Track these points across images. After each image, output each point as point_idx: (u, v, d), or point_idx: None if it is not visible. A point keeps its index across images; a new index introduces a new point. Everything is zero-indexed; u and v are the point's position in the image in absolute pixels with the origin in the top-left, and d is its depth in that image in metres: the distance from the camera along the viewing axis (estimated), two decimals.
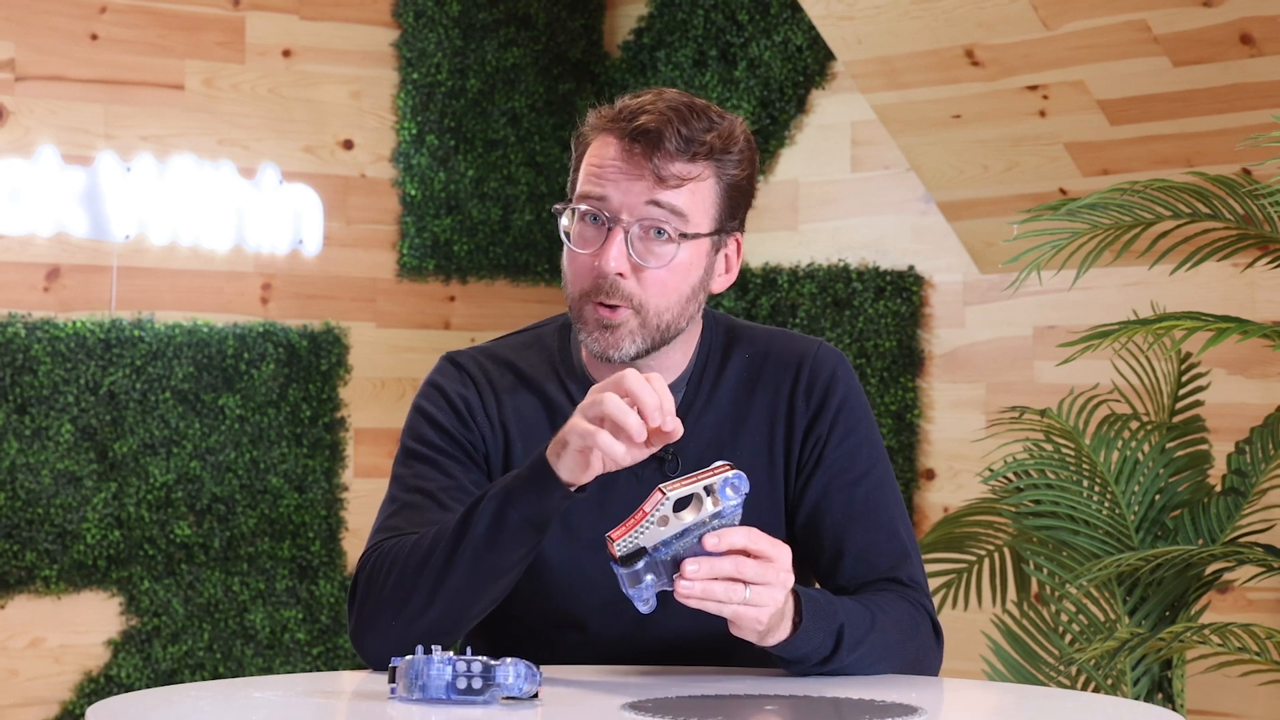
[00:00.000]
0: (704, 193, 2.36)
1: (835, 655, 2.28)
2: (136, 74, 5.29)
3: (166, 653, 5.28)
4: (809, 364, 2.47)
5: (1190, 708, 4.43)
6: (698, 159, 2.34)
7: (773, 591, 2.15)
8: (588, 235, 2.37)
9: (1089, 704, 2.39)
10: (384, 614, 2.31)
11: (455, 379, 2.47)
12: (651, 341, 2.38)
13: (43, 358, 5.11)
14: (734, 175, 2.38)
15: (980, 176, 4.87)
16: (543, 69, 5.80)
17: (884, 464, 2.48)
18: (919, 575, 2.45)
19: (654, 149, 2.33)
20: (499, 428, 2.44)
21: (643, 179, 2.34)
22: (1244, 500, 3.80)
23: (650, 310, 2.37)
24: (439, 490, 2.40)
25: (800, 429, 2.45)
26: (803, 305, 5.36)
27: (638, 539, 2.13)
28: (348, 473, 5.57)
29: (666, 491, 2.13)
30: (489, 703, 2.07)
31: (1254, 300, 4.51)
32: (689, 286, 2.39)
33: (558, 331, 2.51)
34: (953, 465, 5.11)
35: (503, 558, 2.26)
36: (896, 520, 2.45)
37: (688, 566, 2.12)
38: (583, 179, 2.38)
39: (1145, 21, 4.30)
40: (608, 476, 2.37)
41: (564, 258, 2.41)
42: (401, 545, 2.33)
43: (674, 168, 2.33)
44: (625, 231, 2.34)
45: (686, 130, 2.34)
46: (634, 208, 2.34)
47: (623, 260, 2.34)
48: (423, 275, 5.72)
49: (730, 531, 2.13)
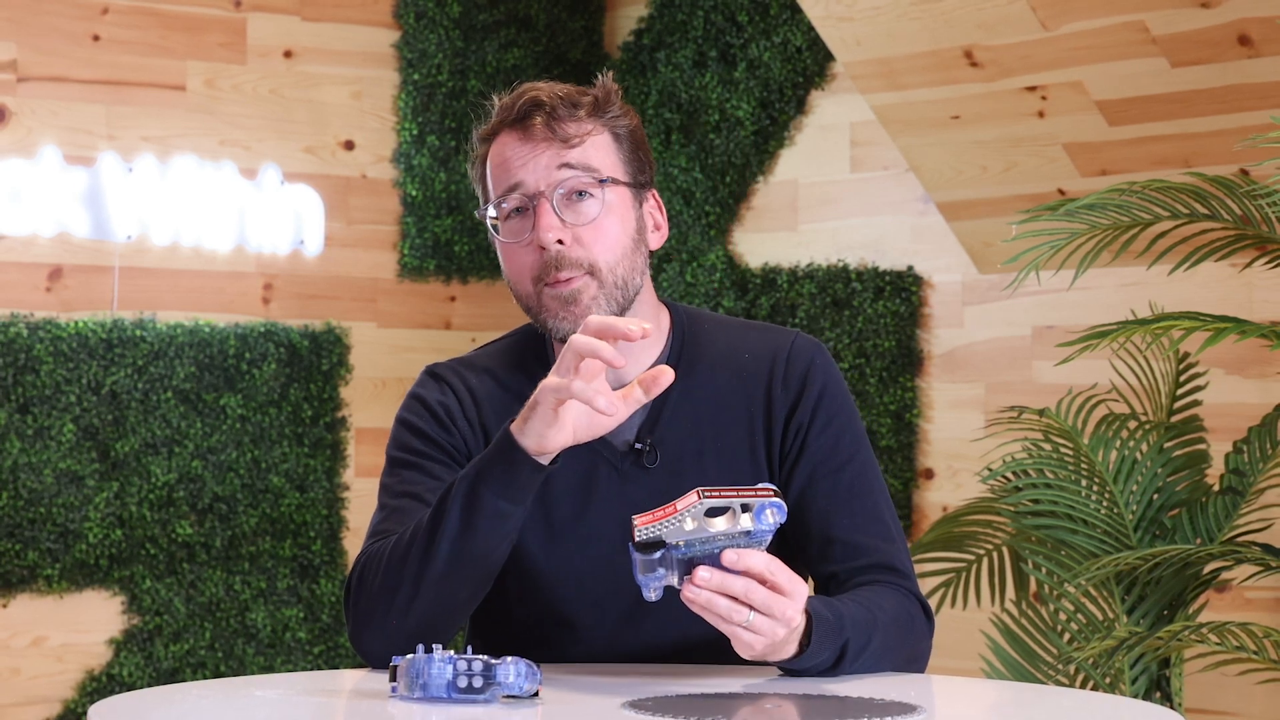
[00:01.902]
0: (603, 145, 2.44)
1: (836, 667, 2.29)
2: (138, 75, 5.30)
3: (168, 652, 5.29)
4: (785, 354, 2.48)
5: (1188, 706, 4.44)
6: (585, 117, 2.43)
7: (774, 626, 2.15)
8: (516, 228, 2.43)
9: (1087, 702, 2.39)
10: (376, 612, 2.33)
11: (434, 389, 2.50)
12: (615, 302, 2.41)
13: (45, 357, 5.12)
14: (623, 125, 2.46)
15: (979, 177, 4.88)
16: (543, 70, 5.81)
17: (866, 450, 2.49)
18: (907, 560, 2.46)
19: (548, 117, 2.42)
20: (479, 430, 2.47)
21: (548, 147, 2.41)
22: (1242, 499, 3.81)
23: (603, 267, 2.40)
24: (425, 492, 2.42)
25: (780, 419, 2.46)
26: (802, 305, 5.37)
27: (660, 530, 2.13)
28: (349, 472, 5.58)
29: (703, 495, 2.13)
30: (489, 701, 2.08)
31: (1252, 300, 4.52)
32: (629, 238, 2.44)
33: (530, 336, 2.54)
34: (952, 465, 5.12)
35: (481, 541, 2.28)
36: (881, 506, 2.47)
37: (700, 573, 2.11)
38: (494, 181, 2.45)
39: (1143, 22, 4.31)
40: (588, 472, 2.40)
41: (503, 262, 2.46)
42: (386, 544, 2.35)
43: (569, 127, 2.42)
44: (550, 201, 2.40)
45: (565, 94, 2.44)
46: (548, 176, 2.41)
47: (557, 228, 2.39)
48: (423, 275, 5.73)
49: (751, 554, 2.12)
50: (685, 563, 2.14)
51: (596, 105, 2.44)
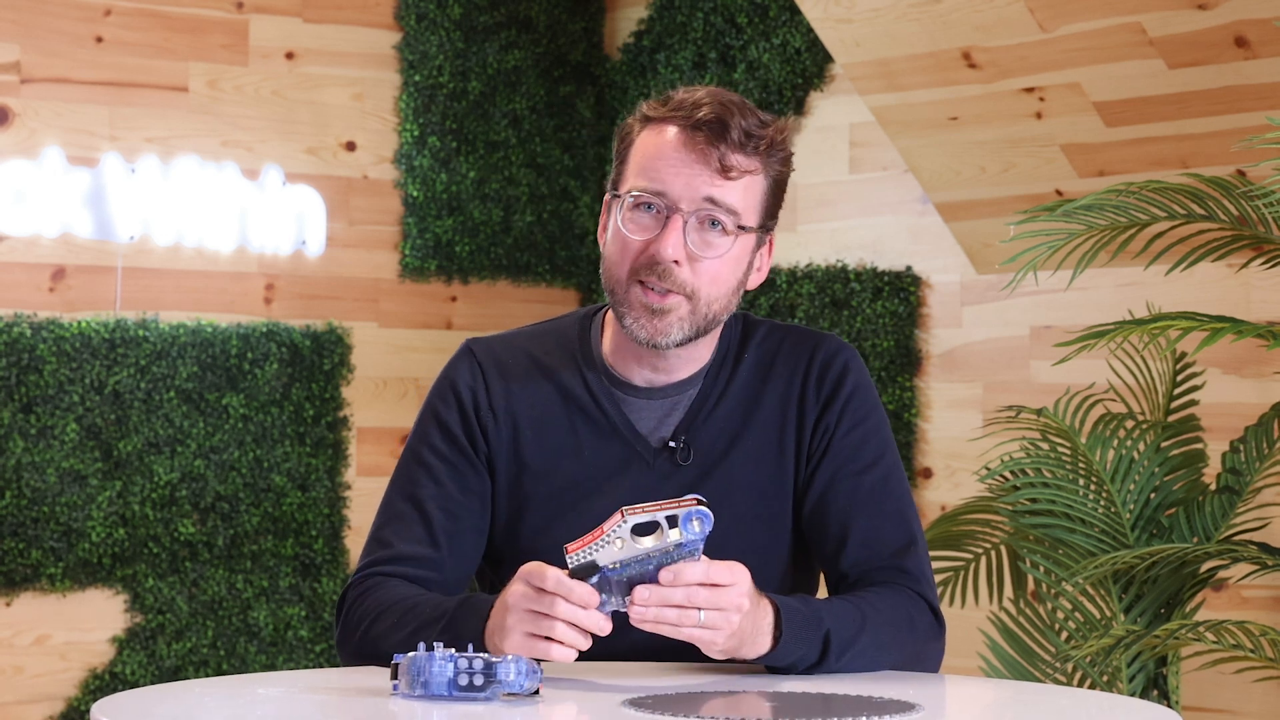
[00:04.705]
0: (756, 187, 2.41)
1: (824, 661, 2.30)
2: (141, 76, 5.32)
3: (171, 650, 5.30)
4: (821, 356, 2.51)
5: (1185, 704, 4.45)
6: (755, 153, 2.39)
7: (727, 615, 2.18)
8: (641, 222, 2.41)
9: (1085, 700, 2.40)
10: (361, 657, 2.40)
11: (466, 372, 2.51)
12: (696, 330, 2.42)
13: (48, 357, 5.13)
14: (780, 172, 2.44)
15: (977, 178, 4.88)
16: (544, 71, 5.82)
17: (892, 456, 2.51)
18: (924, 565, 2.47)
19: (718, 139, 2.38)
20: (506, 419, 2.48)
21: (705, 169, 2.38)
22: (1238, 498, 3.82)
23: (702, 299, 2.40)
24: (428, 499, 2.46)
25: (810, 419, 2.48)
26: (801, 305, 5.38)
27: (592, 554, 2.15)
28: (350, 471, 5.59)
29: (626, 514, 2.15)
30: (490, 699, 2.09)
31: (1248, 300, 4.53)
32: (736, 279, 2.44)
33: (578, 322, 2.55)
34: (950, 464, 5.13)
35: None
36: (904, 509, 2.48)
37: (639, 593, 2.15)
38: (638, 168, 2.41)
39: (1140, 24, 4.31)
40: (621, 468, 2.42)
41: (609, 239, 2.44)
42: (378, 601, 2.39)
43: (735, 159, 2.38)
44: (684, 221, 2.38)
45: (746, 124, 2.39)
46: (693, 198, 2.38)
47: (680, 249, 2.38)
48: (425, 276, 5.74)
49: (686, 567, 2.15)
50: (625, 584, 2.15)
51: (769, 146, 2.41)
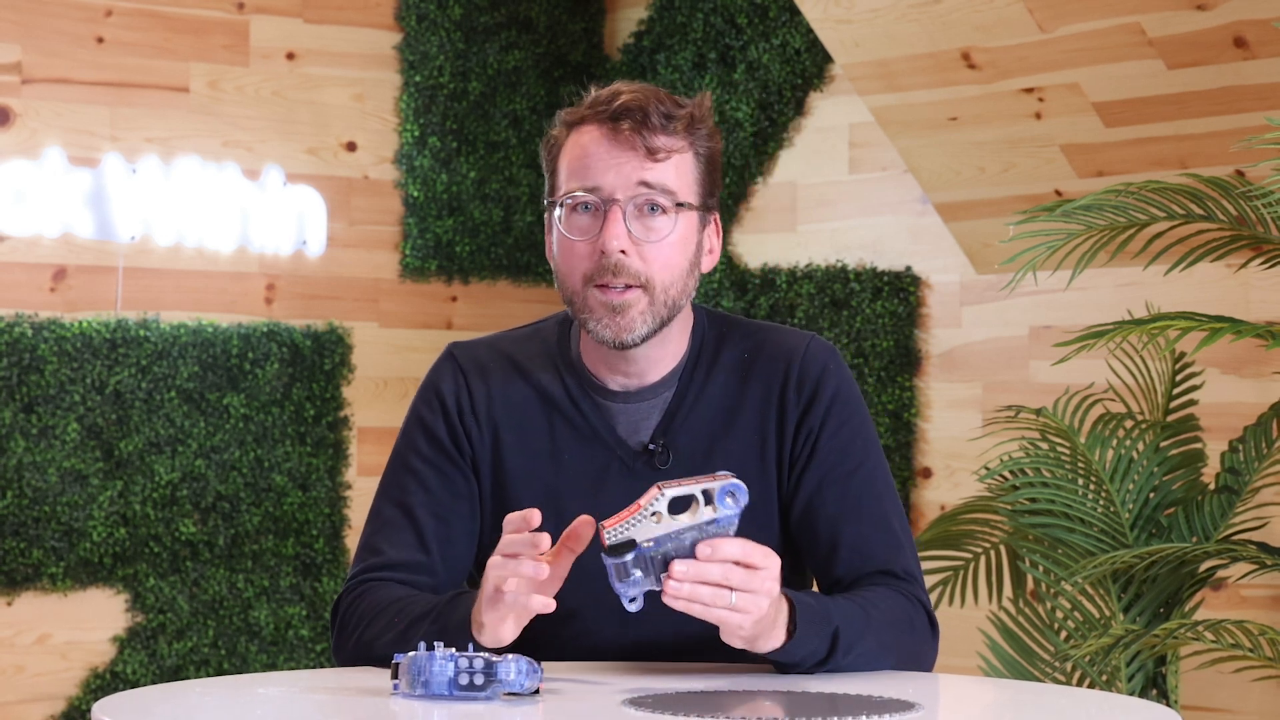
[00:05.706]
0: (686, 165, 2.43)
1: (830, 658, 2.30)
2: (142, 76, 5.32)
3: (172, 649, 5.31)
4: (800, 358, 2.49)
5: (1184, 703, 4.46)
6: (678, 132, 2.41)
7: (758, 599, 2.17)
8: (581, 224, 2.42)
9: (1084, 700, 2.40)
10: (358, 662, 2.41)
11: (449, 376, 2.53)
12: (660, 320, 2.43)
13: (49, 357, 5.14)
14: (709, 148, 2.45)
15: (977, 178, 4.89)
16: (544, 72, 5.83)
17: (877, 456, 2.50)
18: (914, 567, 2.47)
19: (641, 125, 2.40)
20: (488, 423, 2.49)
21: (633, 156, 2.40)
22: (1237, 498, 3.83)
23: (657, 286, 2.41)
24: (417, 506, 2.48)
25: (792, 423, 2.47)
26: (801, 305, 5.38)
27: (629, 530, 2.15)
28: (351, 471, 5.60)
29: (663, 489, 2.16)
30: (491, 699, 2.09)
31: (1247, 300, 4.53)
32: (687, 260, 2.44)
33: (557, 325, 2.56)
34: (949, 464, 5.13)
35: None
36: (890, 513, 2.47)
37: (676, 567, 2.13)
38: (569, 172, 2.43)
39: (1140, 25, 4.32)
40: (600, 471, 2.42)
41: (556, 252, 2.45)
42: (372, 604, 2.41)
43: (660, 140, 2.40)
44: (623, 210, 2.39)
45: (664, 106, 2.41)
46: (627, 186, 2.39)
47: (624, 238, 2.39)
48: (425, 276, 5.75)
49: (724, 542, 2.15)
50: (660, 561, 2.15)
51: (690, 123, 2.43)
